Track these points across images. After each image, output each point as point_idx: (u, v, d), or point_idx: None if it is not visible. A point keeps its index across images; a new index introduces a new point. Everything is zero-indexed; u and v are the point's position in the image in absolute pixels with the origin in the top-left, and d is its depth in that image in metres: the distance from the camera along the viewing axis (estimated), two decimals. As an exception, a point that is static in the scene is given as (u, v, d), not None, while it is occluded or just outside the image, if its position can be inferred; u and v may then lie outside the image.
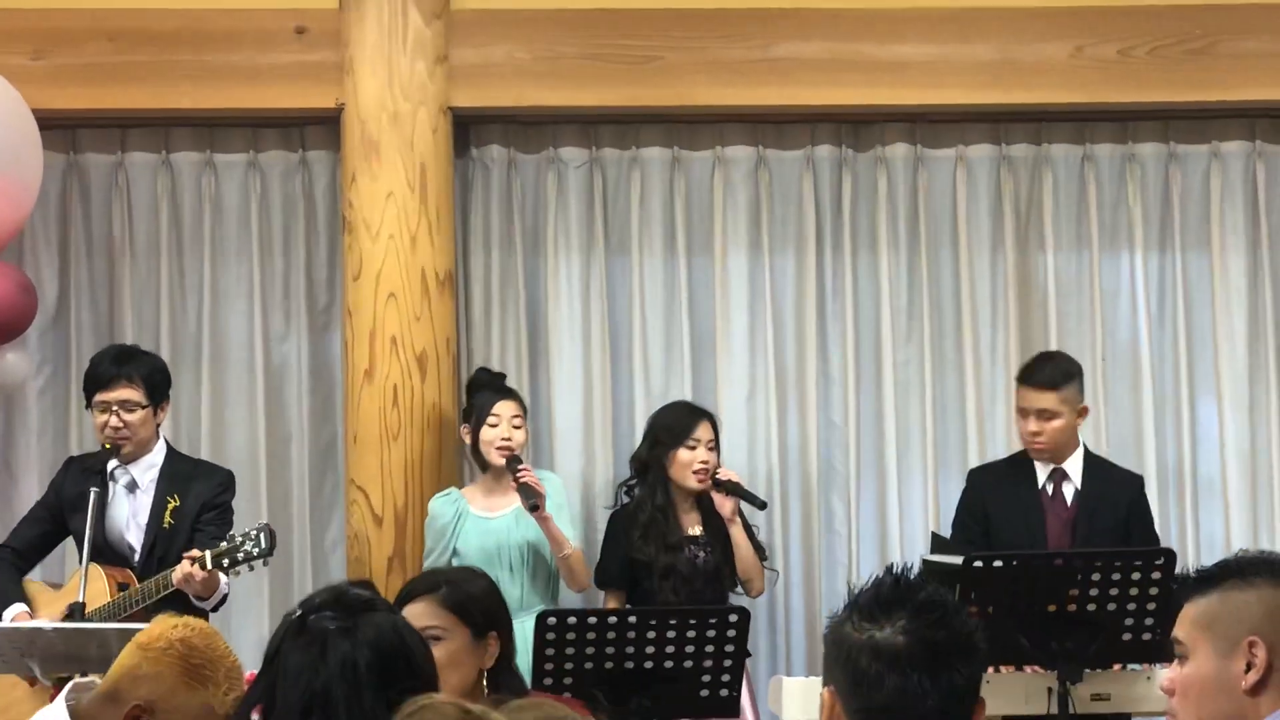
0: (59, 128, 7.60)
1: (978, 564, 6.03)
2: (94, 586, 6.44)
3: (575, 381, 7.78)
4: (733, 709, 6.05)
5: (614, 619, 5.90)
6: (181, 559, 6.33)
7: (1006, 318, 7.85)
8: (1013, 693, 6.17)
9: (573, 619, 5.87)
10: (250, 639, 7.32)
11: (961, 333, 7.85)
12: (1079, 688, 6.09)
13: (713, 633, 5.88)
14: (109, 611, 6.43)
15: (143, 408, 6.68)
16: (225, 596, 6.57)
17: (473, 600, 4.41)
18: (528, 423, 7.21)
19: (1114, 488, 6.98)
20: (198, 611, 6.16)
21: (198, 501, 6.68)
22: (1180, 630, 3.21)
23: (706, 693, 5.92)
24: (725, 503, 7.09)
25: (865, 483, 7.81)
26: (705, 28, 7.56)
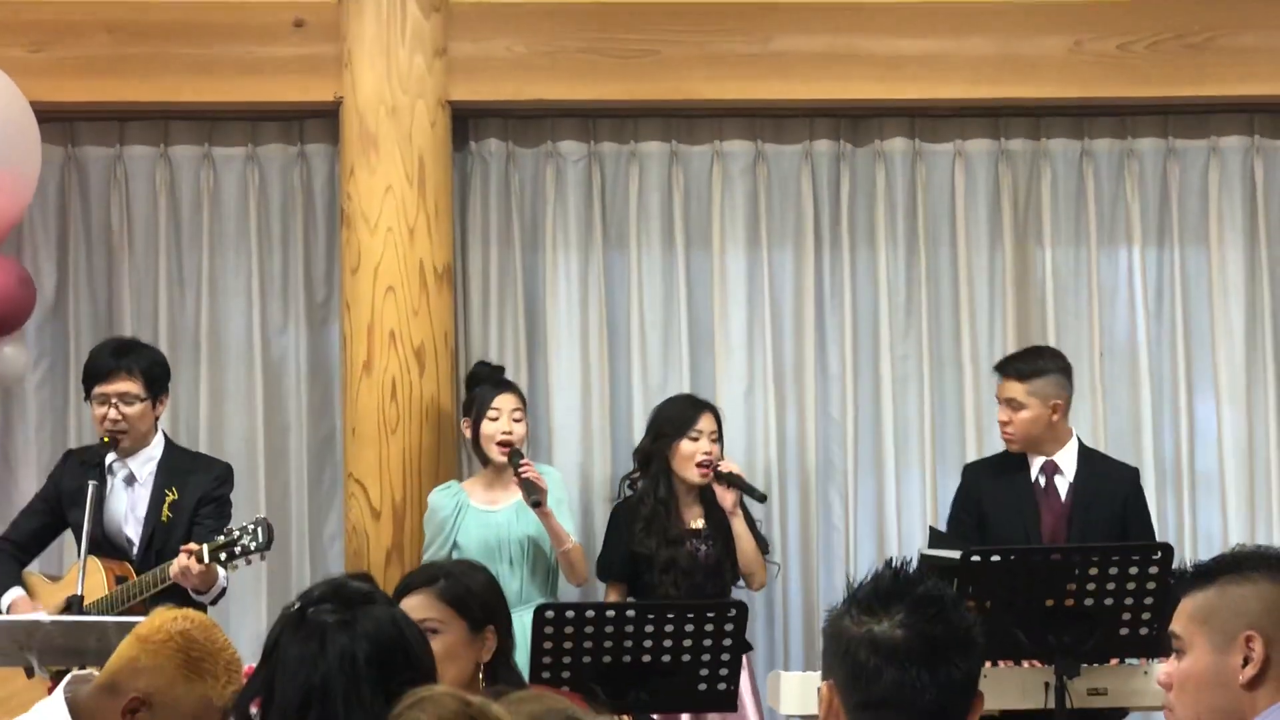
0: (57, 120, 7.59)
1: (975, 558, 6.04)
2: (92, 579, 6.43)
3: (573, 375, 7.78)
4: (730, 703, 6.05)
5: (611, 613, 5.88)
6: (179, 552, 6.34)
7: (1004, 312, 7.85)
8: (1009, 687, 6.18)
9: (570, 612, 5.85)
10: (248, 632, 7.33)
11: (959, 328, 7.85)
12: (1076, 682, 6.10)
13: (710, 627, 5.87)
14: (107, 604, 6.42)
15: (141, 401, 6.68)
16: (224, 590, 6.57)
17: (471, 593, 4.42)
18: (527, 416, 7.22)
19: (1109, 480, 6.98)
20: (196, 605, 6.15)
21: (196, 495, 6.68)
22: (1177, 625, 3.21)
23: (704, 686, 5.92)
24: (726, 495, 7.08)
25: (863, 477, 7.81)
26: (704, 22, 7.55)
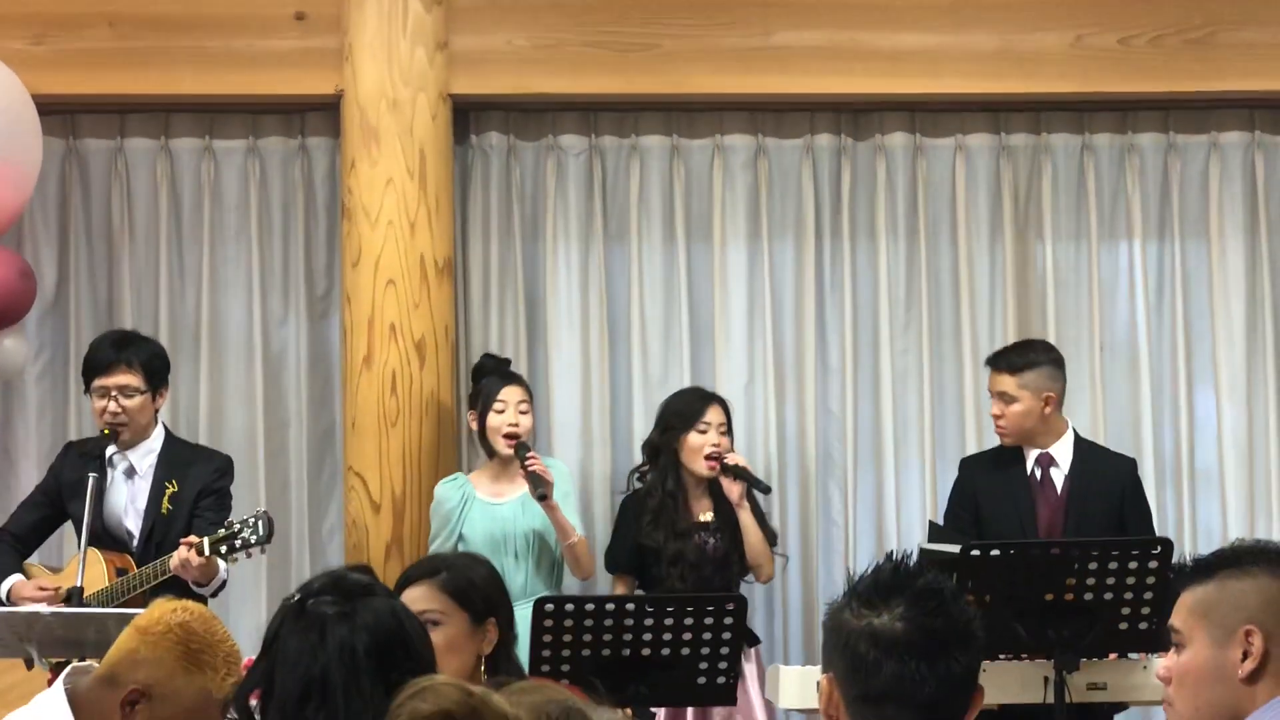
0: (58, 113, 7.59)
1: (975, 553, 6.04)
2: (92, 571, 6.44)
3: (574, 369, 7.78)
4: (729, 697, 6.05)
5: (611, 605, 5.87)
6: (179, 545, 6.34)
7: (1005, 307, 7.85)
8: (1008, 681, 6.17)
9: (570, 605, 5.84)
10: (248, 624, 7.33)
11: (960, 322, 7.85)
12: (1075, 676, 6.09)
13: (710, 620, 5.86)
14: (107, 596, 6.43)
15: (141, 393, 6.68)
16: (224, 583, 6.57)
17: (472, 586, 4.41)
18: (533, 408, 7.22)
19: (1106, 471, 6.96)
20: (196, 597, 6.16)
21: (196, 487, 6.68)
22: (1177, 619, 3.22)
23: (703, 680, 5.91)
24: (733, 487, 7.07)
25: (863, 471, 7.81)
26: (705, 15, 7.55)
